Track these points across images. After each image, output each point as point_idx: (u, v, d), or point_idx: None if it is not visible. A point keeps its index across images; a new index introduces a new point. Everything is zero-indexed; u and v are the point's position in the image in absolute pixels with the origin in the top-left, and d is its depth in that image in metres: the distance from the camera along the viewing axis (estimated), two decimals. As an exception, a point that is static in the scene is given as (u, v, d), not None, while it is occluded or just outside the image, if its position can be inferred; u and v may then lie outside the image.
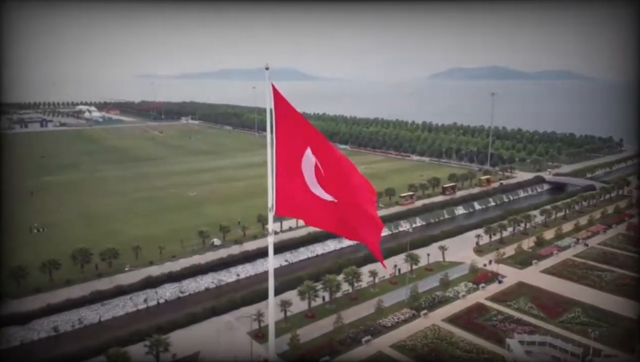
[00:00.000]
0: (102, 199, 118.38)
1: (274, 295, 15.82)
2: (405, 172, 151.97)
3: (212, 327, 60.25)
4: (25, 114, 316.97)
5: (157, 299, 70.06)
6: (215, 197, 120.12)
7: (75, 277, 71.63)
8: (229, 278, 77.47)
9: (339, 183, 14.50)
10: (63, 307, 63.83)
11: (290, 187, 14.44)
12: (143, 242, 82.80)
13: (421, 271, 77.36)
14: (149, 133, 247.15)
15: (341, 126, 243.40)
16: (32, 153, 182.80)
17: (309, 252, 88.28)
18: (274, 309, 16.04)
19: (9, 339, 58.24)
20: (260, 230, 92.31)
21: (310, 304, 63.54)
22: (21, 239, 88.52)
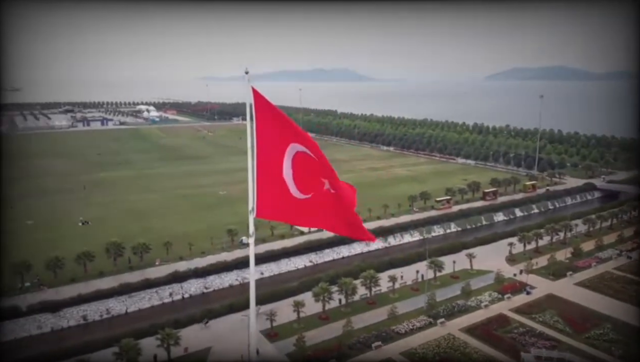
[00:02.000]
0: (147, 195, 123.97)
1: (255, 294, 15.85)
2: (447, 175, 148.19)
3: (227, 324, 61.62)
4: (89, 113, 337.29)
5: (182, 293, 72.59)
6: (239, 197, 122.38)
7: (108, 269, 75.53)
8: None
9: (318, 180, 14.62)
10: (93, 298, 67.58)
11: (270, 189, 14.56)
12: (176, 238, 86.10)
13: (446, 278, 75.29)
14: (201, 133, 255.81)
15: (387, 127, 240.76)
16: (91, 150, 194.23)
17: (334, 253, 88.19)
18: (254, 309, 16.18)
19: (41, 325, 62.39)
20: (288, 230, 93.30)
21: (325, 306, 63.52)
22: (67, 231, 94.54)
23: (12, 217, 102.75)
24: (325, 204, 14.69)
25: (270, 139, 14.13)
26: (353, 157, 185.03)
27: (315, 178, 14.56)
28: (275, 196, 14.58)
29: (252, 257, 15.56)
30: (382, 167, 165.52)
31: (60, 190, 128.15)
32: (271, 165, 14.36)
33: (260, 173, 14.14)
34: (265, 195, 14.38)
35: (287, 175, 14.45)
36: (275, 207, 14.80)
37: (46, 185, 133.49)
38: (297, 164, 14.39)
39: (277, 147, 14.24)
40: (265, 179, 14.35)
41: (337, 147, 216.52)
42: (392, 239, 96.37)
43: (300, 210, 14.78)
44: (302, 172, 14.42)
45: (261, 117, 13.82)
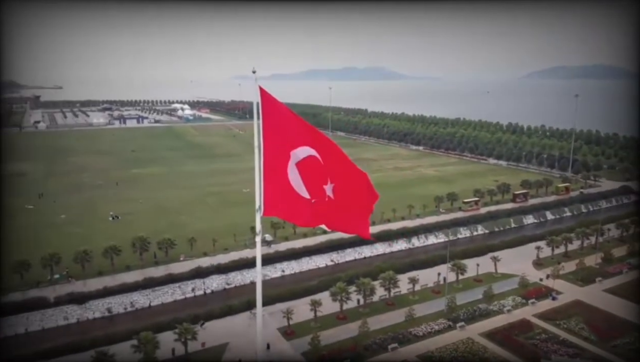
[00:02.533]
0: (176, 191, 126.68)
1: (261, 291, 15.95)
2: (477, 176, 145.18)
3: (245, 320, 62.34)
4: (126, 111, 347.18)
5: (204, 289, 73.84)
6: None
7: (134, 263, 77.58)
8: (273, 273, 79.52)
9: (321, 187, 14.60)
10: (118, 291, 69.57)
11: (277, 188, 14.69)
12: (201, 234, 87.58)
13: (469, 281, 73.82)
14: (232, 131, 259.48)
15: (417, 126, 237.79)
16: (126, 147, 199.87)
17: (356, 253, 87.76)
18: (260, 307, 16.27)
19: (67, 316, 64.71)
20: (311, 228, 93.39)
21: (342, 306, 63.32)
22: (97, 226, 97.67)
23: (46, 211, 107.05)
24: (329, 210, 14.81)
25: (277, 138, 14.11)
26: (380, 157, 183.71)
27: (320, 184, 14.58)
28: (282, 196, 14.66)
29: (259, 255, 15.90)
30: (409, 166, 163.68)
31: (94, 185, 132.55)
32: (277, 165, 14.38)
33: (267, 172, 14.15)
34: (272, 194, 14.44)
35: (294, 176, 14.47)
36: (282, 206, 14.94)
37: (81, 180, 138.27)
38: (304, 167, 14.40)
39: (283, 147, 14.22)
40: (271, 178, 14.37)
41: (365, 146, 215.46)
42: (416, 240, 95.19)
43: (308, 211, 14.84)
44: (310, 176, 14.46)
45: (268, 116, 13.83)
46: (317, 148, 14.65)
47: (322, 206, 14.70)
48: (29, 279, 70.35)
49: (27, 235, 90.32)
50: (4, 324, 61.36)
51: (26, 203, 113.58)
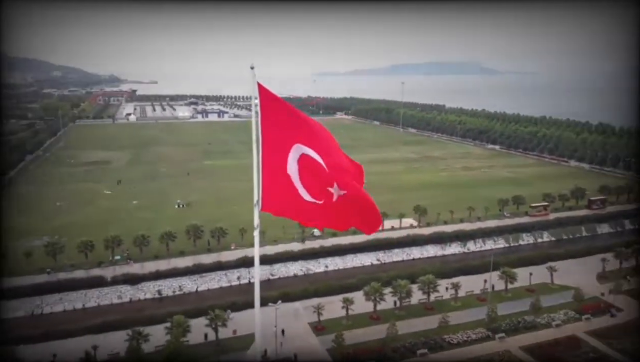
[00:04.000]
0: (240, 183, 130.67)
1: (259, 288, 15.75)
2: (554, 179, 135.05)
3: (279, 312, 63.29)
4: (210, 106, 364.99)
5: (249, 277, 76.17)
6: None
7: (188, 249, 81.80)
8: (317, 268, 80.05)
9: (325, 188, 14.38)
10: (169, 274, 73.96)
11: (275, 185, 14.87)
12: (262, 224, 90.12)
13: (520, 291, 69.31)
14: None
15: (495, 124, 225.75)
16: (203, 140, 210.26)
17: (404, 254, 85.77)
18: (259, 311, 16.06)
19: (121, 296, 69.88)
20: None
21: (376, 306, 62.25)
22: (164, 213, 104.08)
23: (122, 197, 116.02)
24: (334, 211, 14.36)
25: (275, 135, 14.22)
26: (450, 155, 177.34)
27: (323, 185, 14.25)
28: (281, 192, 14.66)
29: (257, 250, 15.42)
30: (479, 166, 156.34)
31: (168, 175, 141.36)
32: (276, 161, 14.46)
33: (266, 168, 14.27)
34: (271, 190, 14.49)
35: (293, 173, 14.41)
36: (280, 203, 14.97)
37: (158, 169, 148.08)
38: (303, 166, 14.28)
39: (282, 143, 14.25)
40: (270, 174, 14.47)
41: (437, 143, 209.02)
42: (472, 244, 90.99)
43: (307, 211, 14.66)
44: (309, 175, 14.28)
45: (266, 112, 13.95)
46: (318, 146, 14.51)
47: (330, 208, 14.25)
48: (92, 259, 76.80)
49: (99, 218, 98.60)
50: (65, 299, 67.69)
51: (106, 189, 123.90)
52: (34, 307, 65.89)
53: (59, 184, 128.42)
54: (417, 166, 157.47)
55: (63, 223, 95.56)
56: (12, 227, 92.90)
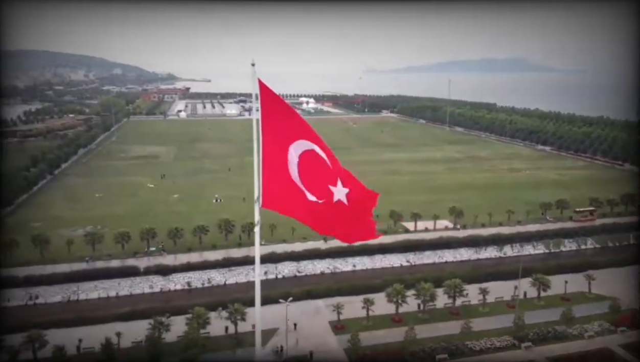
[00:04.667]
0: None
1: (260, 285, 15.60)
2: (605, 183, 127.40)
3: (301, 309, 63.54)
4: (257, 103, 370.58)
5: (276, 273, 76.96)
6: (369, 188, 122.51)
7: (219, 243, 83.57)
8: (344, 267, 79.62)
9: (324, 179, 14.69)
10: (200, 267, 75.91)
11: (276, 181, 15.14)
12: (285, 221, 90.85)
13: (554, 299, 65.97)
14: (347, 124, 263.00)
15: (547, 124, 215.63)
16: (246, 136, 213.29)
17: (436, 256, 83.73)
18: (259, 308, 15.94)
19: (152, 286, 72.40)
20: (392, 226, 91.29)
21: (398, 308, 61.12)
22: (201, 206, 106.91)
23: (164, 190, 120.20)
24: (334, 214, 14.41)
25: (275, 131, 14.43)
26: (496, 155, 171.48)
27: (324, 184, 14.38)
28: (281, 189, 14.85)
29: (258, 247, 15.47)
30: (527, 168, 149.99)
31: (210, 170, 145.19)
32: (276, 157, 14.67)
33: (266, 164, 14.46)
34: (271, 186, 14.66)
35: (293, 171, 14.55)
36: (281, 200, 15.12)
37: (202, 165, 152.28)
38: (304, 162, 14.39)
39: (282, 140, 14.42)
40: (270, 171, 14.66)
41: (484, 143, 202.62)
42: (509, 249, 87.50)
43: (306, 209, 14.77)
44: (310, 172, 14.37)
45: (266, 109, 14.10)
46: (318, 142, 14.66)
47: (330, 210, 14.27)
48: (128, 249, 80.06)
49: (139, 210, 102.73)
50: (100, 286, 70.95)
51: (150, 182, 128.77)
52: (71, 294, 69.48)
53: (107, 176, 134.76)
54: (460, 166, 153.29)
55: (106, 214, 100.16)
56: (59, 216, 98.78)
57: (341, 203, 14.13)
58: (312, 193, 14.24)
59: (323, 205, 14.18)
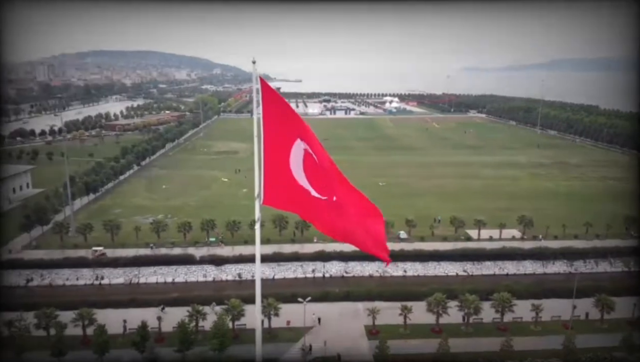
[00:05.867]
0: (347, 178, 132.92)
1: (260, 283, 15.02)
2: None
3: (339, 310, 63.03)
4: (342, 103, 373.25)
5: (323, 272, 77.02)
6: (437, 192, 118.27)
7: (274, 238, 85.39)
8: (395, 271, 77.48)
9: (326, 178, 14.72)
10: (251, 260, 77.98)
11: (277, 177, 15.24)
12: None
13: (620, 322, 58.96)
14: (428, 124, 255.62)
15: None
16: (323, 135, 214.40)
17: (496, 268, 78.56)
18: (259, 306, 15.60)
19: (206, 274, 75.86)
20: (453, 232, 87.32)
21: (439, 319, 58.27)
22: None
23: (235, 184, 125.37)
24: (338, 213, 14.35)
25: (277, 128, 14.56)
26: (588, 162, 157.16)
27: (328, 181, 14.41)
28: (282, 186, 14.95)
29: (258, 243, 15.18)
30: (619, 177, 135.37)
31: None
32: (278, 154, 14.76)
33: (267, 161, 14.44)
34: (272, 183, 14.68)
35: (296, 167, 14.62)
36: (282, 196, 15.13)
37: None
38: (307, 160, 14.50)
39: (284, 137, 14.52)
40: (272, 167, 14.74)
41: (577, 148, 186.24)
42: (582, 264, 79.74)
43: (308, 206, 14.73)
44: (314, 170, 14.48)
45: (268, 107, 14.19)
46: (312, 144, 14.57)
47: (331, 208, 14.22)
48: (190, 239, 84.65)
49: (209, 202, 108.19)
50: (158, 272, 75.78)
51: (224, 176, 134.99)
52: (132, 277, 75.03)
53: (187, 169, 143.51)
54: (544, 173, 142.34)
55: (178, 204, 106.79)
56: (137, 204, 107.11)
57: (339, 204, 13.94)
58: (318, 191, 14.19)
59: (325, 202, 14.09)
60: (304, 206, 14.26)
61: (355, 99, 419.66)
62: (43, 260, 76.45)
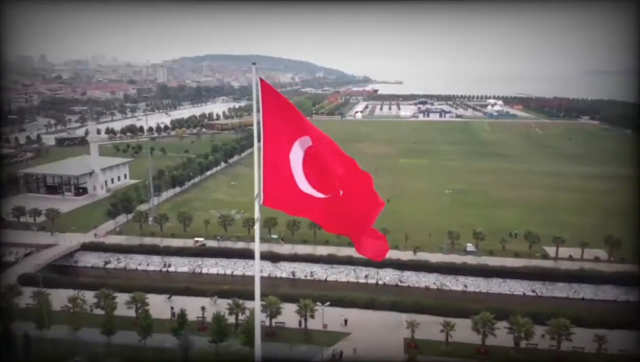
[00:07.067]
0: (418, 183, 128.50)
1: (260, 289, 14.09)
2: None
3: (381, 320, 60.99)
4: (439, 105, 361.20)
5: (376, 279, 75.22)
6: (521, 203, 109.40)
7: (332, 239, 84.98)
8: (454, 285, 73.35)
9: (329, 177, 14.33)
10: (305, 259, 78.90)
11: (277, 177, 15.24)
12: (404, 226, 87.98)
13: None
14: (530, 130, 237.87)
15: None
16: (411, 138, 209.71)
17: (570, 290, 70.86)
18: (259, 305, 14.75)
19: (263, 270, 77.80)
20: (527, 248, 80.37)
21: (485, 339, 53.85)
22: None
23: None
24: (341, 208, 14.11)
25: (277, 128, 14.59)
26: None
27: (330, 178, 14.17)
28: (282, 186, 14.91)
29: (257, 243, 14.33)
30: None
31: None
32: (278, 154, 14.80)
33: (267, 161, 14.39)
34: (272, 183, 14.64)
35: (296, 167, 14.59)
36: (281, 196, 14.95)
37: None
38: (308, 160, 14.46)
39: (284, 137, 14.47)
40: (271, 168, 14.77)
41: None
42: (681, 294, 68.89)
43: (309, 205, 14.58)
44: (314, 169, 14.40)
45: (268, 108, 14.10)
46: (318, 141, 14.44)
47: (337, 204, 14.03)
48: (253, 234, 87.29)
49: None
50: (219, 264, 79.40)
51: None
52: (195, 266, 79.49)
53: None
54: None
55: (250, 200, 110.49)
56: (215, 199, 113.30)
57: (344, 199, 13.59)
58: (318, 190, 14.00)
59: (327, 200, 13.92)
60: (302, 205, 14.09)
61: (454, 102, 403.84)
62: (121, 245, 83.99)
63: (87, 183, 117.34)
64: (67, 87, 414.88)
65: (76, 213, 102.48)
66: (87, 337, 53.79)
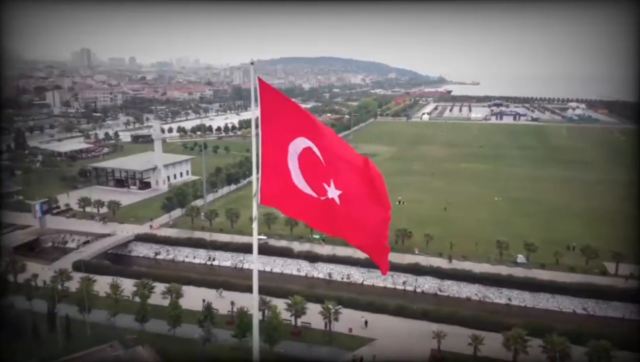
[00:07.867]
0: (473, 188, 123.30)
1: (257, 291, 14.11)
2: None
3: (410, 328, 59.17)
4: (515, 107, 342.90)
5: (414, 286, 73.13)
6: (587, 214, 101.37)
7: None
8: (497, 298, 69.57)
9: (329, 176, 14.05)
10: (341, 261, 78.44)
11: (275, 176, 15.24)
12: (451, 233, 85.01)
13: None
14: (612, 135, 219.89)
15: None
16: (478, 142, 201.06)
17: (626, 310, 64.53)
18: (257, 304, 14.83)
19: (300, 269, 78.51)
20: (583, 263, 74.47)
21: (516, 356, 50.50)
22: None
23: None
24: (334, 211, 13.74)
25: (275, 128, 14.60)
26: None
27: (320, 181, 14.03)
28: (280, 185, 14.87)
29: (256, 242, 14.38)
30: None
31: (415, 172, 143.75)
32: (276, 154, 14.87)
33: (265, 160, 14.46)
34: (270, 182, 14.66)
35: (293, 167, 14.54)
36: (279, 196, 14.86)
37: (410, 167, 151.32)
38: (305, 159, 14.41)
39: (282, 136, 14.44)
40: (269, 167, 14.76)
41: None
42: None
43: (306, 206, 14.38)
44: (310, 169, 14.34)
45: (266, 107, 14.10)
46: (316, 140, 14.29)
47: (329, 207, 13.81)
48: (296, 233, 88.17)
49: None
50: (259, 260, 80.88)
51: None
52: (237, 262, 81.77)
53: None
54: None
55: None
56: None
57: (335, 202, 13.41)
58: (314, 190, 13.90)
59: (324, 202, 13.75)
60: (302, 207, 13.92)
61: (531, 104, 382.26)
62: (171, 237, 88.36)
63: (151, 178, 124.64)
64: (149, 87, 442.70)
65: (137, 206, 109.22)
66: (123, 324, 57.11)
